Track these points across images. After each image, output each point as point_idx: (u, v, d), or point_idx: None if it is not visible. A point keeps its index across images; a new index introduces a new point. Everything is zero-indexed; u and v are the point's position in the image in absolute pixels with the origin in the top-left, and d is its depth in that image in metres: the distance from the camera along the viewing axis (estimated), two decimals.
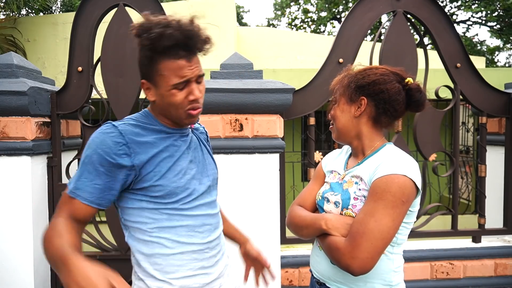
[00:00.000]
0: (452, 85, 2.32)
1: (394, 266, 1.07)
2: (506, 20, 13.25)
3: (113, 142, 0.92)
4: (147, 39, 0.90)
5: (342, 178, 1.15)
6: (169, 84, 0.94)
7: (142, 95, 2.11)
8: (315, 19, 17.38)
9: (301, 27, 18.03)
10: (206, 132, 1.26)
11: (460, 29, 15.58)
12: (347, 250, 0.96)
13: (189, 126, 1.10)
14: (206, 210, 1.06)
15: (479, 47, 15.87)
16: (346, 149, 1.26)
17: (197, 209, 1.04)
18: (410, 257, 2.20)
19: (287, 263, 2.17)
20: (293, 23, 18.20)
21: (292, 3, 17.89)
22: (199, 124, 1.23)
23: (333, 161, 1.26)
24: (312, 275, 1.21)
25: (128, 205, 1.00)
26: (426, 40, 11.20)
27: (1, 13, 6.64)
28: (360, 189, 1.06)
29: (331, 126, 1.21)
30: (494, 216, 2.54)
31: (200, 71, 0.98)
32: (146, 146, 0.96)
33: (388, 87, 1.07)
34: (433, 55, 2.55)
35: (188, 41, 0.92)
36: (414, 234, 2.27)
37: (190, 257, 1.02)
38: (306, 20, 17.83)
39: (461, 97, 2.33)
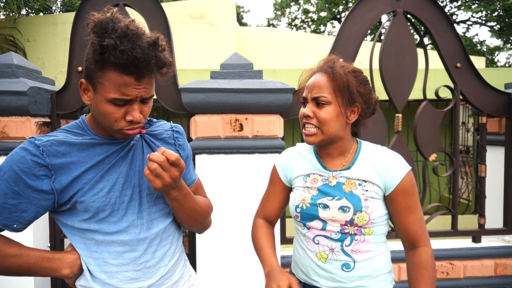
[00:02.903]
0: (452, 85, 2.32)
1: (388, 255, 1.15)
2: (506, 20, 13.25)
3: (33, 162, 0.85)
4: (100, 43, 0.80)
5: (332, 181, 1.09)
6: (108, 96, 0.83)
7: None
8: (315, 19, 17.38)
9: (301, 27, 18.03)
10: (175, 134, 1.07)
11: (460, 29, 15.60)
12: (429, 246, 1.08)
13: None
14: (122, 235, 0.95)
15: (479, 47, 15.86)
16: (308, 148, 1.19)
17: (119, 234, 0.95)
18: None
19: (287, 263, 2.16)
20: (293, 23, 18.20)
21: (292, 3, 17.89)
22: (170, 124, 1.08)
23: (300, 165, 1.17)
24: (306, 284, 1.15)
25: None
26: (426, 40, 11.20)
27: (1, 13, 6.64)
28: (367, 190, 1.05)
29: (313, 130, 1.05)
30: (494, 216, 2.54)
31: (147, 94, 0.86)
32: (70, 167, 0.88)
33: (373, 99, 1.11)
34: (433, 55, 2.55)
35: (141, 63, 0.80)
36: None
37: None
38: (306, 20, 17.83)
39: (461, 97, 2.33)
